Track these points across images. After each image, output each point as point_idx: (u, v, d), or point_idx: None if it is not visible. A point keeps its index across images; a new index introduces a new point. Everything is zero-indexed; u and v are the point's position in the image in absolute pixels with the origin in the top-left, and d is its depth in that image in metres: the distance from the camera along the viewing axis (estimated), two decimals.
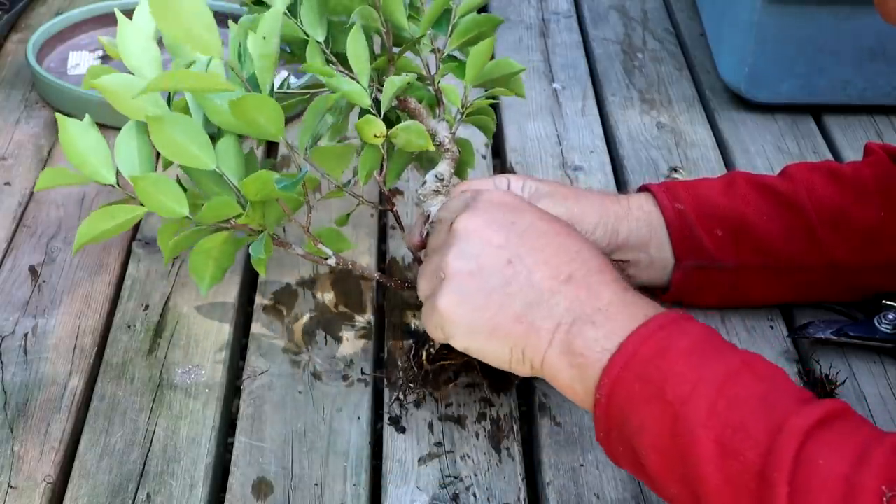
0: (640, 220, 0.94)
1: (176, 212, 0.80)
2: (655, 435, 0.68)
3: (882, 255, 0.95)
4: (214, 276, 0.88)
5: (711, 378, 0.68)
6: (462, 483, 0.83)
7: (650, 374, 0.69)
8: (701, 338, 0.71)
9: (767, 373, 0.70)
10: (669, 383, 0.68)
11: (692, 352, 0.70)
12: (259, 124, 0.79)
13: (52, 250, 1.02)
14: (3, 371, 0.90)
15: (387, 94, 0.84)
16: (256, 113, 0.78)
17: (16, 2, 1.38)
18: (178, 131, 0.79)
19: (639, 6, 1.52)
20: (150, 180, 0.80)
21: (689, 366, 0.69)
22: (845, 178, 0.96)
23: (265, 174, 0.79)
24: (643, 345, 0.71)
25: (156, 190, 0.80)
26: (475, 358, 0.81)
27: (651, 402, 0.69)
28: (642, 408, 0.69)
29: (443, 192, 0.89)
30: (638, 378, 0.70)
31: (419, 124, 0.86)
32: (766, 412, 0.66)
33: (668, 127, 1.26)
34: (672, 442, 0.68)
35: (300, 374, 0.92)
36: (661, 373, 0.69)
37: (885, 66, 1.25)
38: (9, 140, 1.18)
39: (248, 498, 0.81)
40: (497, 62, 0.92)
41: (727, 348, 0.72)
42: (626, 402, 0.70)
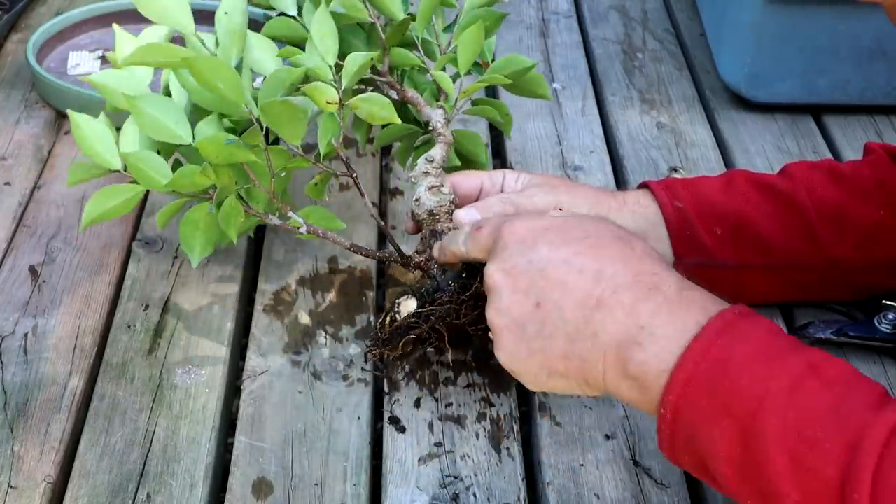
0: (636, 213, 0.94)
1: (159, 184, 0.85)
2: (727, 449, 0.66)
3: (882, 253, 0.95)
4: (204, 248, 0.91)
5: (778, 389, 0.65)
6: (462, 483, 0.83)
7: (715, 389, 0.67)
8: (761, 340, 0.69)
9: (834, 374, 0.67)
10: (736, 398, 0.66)
11: (754, 359, 0.67)
12: (218, 89, 0.82)
13: (52, 250, 1.02)
14: (3, 371, 0.90)
15: (349, 69, 0.85)
16: (213, 77, 0.81)
17: (16, 2, 1.38)
18: (157, 110, 0.85)
19: (639, 6, 1.52)
20: (138, 156, 0.86)
21: (754, 377, 0.66)
22: (845, 176, 0.96)
23: (220, 135, 0.82)
24: (702, 359, 0.68)
25: (144, 164, 0.86)
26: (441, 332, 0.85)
27: (719, 418, 0.67)
28: (711, 424, 0.67)
29: (432, 174, 0.90)
30: (703, 395, 0.67)
31: (382, 97, 0.87)
32: (839, 424, 0.63)
33: (668, 127, 1.26)
34: (745, 456, 0.66)
35: (300, 374, 0.92)
36: (725, 387, 0.67)
37: (885, 66, 1.25)
38: (9, 140, 1.18)
39: (248, 498, 0.81)
40: (507, 58, 0.92)
41: (789, 348, 0.68)
42: (694, 419, 0.68)
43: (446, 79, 0.92)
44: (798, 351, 0.68)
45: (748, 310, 0.71)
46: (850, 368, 0.68)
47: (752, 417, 0.65)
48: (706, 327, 0.69)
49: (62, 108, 1.21)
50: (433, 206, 0.89)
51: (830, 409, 0.64)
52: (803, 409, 0.64)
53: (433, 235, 0.89)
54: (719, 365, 0.67)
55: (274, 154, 0.85)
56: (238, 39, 0.85)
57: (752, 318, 0.70)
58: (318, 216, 0.92)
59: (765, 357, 0.67)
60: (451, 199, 0.90)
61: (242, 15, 0.85)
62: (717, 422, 0.67)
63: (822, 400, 0.65)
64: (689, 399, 0.68)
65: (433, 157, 0.91)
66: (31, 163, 1.14)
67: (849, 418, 0.63)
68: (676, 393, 0.68)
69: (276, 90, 0.84)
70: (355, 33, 0.94)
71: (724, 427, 0.66)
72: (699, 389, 0.68)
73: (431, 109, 0.93)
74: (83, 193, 1.09)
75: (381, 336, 0.87)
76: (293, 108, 0.81)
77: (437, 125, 0.92)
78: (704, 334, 0.69)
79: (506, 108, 0.99)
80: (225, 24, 0.85)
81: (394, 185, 1.15)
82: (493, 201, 0.90)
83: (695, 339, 0.69)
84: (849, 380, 0.67)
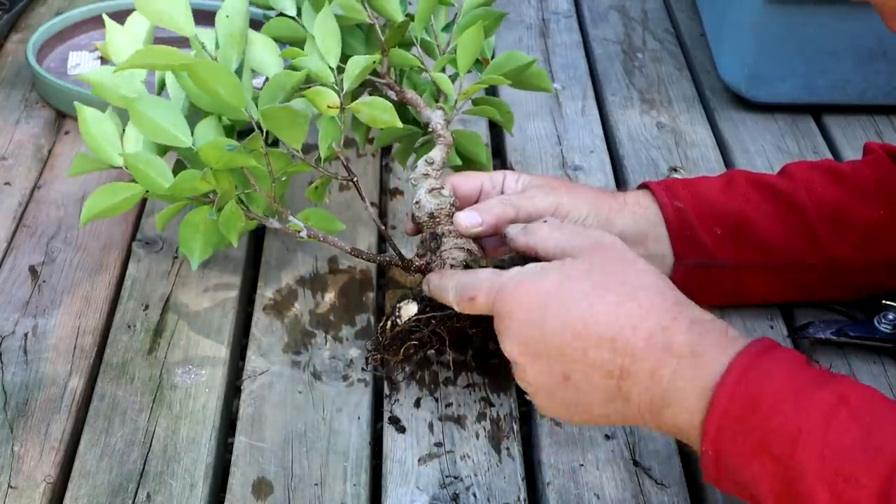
0: (637, 214, 0.94)
1: (161, 186, 0.85)
2: (769, 484, 0.68)
3: (882, 253, 0.95)
4: (204, 250, 0.91)
5: (810, 427, 0.66)
6: (462, 483, 0.83)
7: (749, 430, 0.68)
8: (787, 374, 0.69)
9: (863, 402, 0.67)
10: (770, 438, 0.67)
11: (784, 397, 0.68)
12: (219, 94, 0.82)
13: (52, 250, 1.02)
14: (3, 371, 0.90)
15: (351, 72, 0.85)
16: (213, 82, 0.81)
17: (16, 2, 1.38)
18: (155, 112, 0.85)
19: (639, 6, 1.52)
20: (139, 158, 0.85)
21: (785, 415, 0.67)
22: (845, 176, 0.96)
23: (220, 140, 0.82)
24: (731, 402, 0.69)
25: (144, 167, 0.85)
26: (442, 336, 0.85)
27: (758, 456, 0.68)
28: (750, 461, 0.68)
29: (432, 176, 0.90)
30: (738, 434, 0.68)
31: (383, 100, 0.86)
32: (873, 457, 0.64)
33: (668, 127, 1.26)
34: (788, 492, 0.67)
35: (300, 374, 0.92)
36: (758, 427, 0.68)
37: (885, 66, 1.25)
38: (9, 140, 1.18)
39: (248, 498, 0.81)
40: (507, 55, 0.92)
41: (817, 381, 0.69)
42: (733, 458, 0.69)
43: (446, 80, 0.92)
44: (825, 382, 0.69)
45: (767, 344, 0.72)
46: (876, 393, 0.69)
47: (789, 457, 0.66)
48: (731, 367, 0.70)
49: (62, 108, 1.21)
50: (433, 209, 0.89)
51: (863, 442, 0.65)
52: (837, 445, 0.65)
53: (433, 238, 0.89)
54: (749, 405, 0.68)
55: (274, 158, 0.85)
56: (239, 42, 0.85)
57: (773, 353, 0.71)
58: (317, 218, 0.92)
59: (792, 393, 0.68)
60: (451, 202, 0.90)
61: (244, 18, 0.85)
62: (757, 459, 0.68)
63: (854, 433, 0.66)
64: (725, 441, 0.69)
65: (433, 159, 0.91)
66: (31, 163, 1.14)
67: (881, 449, 0.64)
68: (711, 436, 0.70)
69: (276, 94, 0.84)
70: (353, 34, 0.94)
71: (763, 464, 0.68)
72: (734, 431, 0.69)
73: (431, 111, 0.93)
74: (83, 193, 1.09)
75: (383, 341, 0.87)
76: (294, 113, 0.81)
77: (437, 127, 0.92)
78: (728, 377, 0.70)
79: (506, 105, 0.99)
80: (226, 27, 0.85)
81: (394, 185, 1.15)
82: (493, 203, 0.90)
83: (718, 385, 0.70)
84: (877, 407, 0.68)
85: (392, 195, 1.13)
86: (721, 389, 0.69)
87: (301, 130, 0.82)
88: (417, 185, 0.90)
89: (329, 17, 0.87)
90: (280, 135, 0.83)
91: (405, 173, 1.15)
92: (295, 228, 0.88)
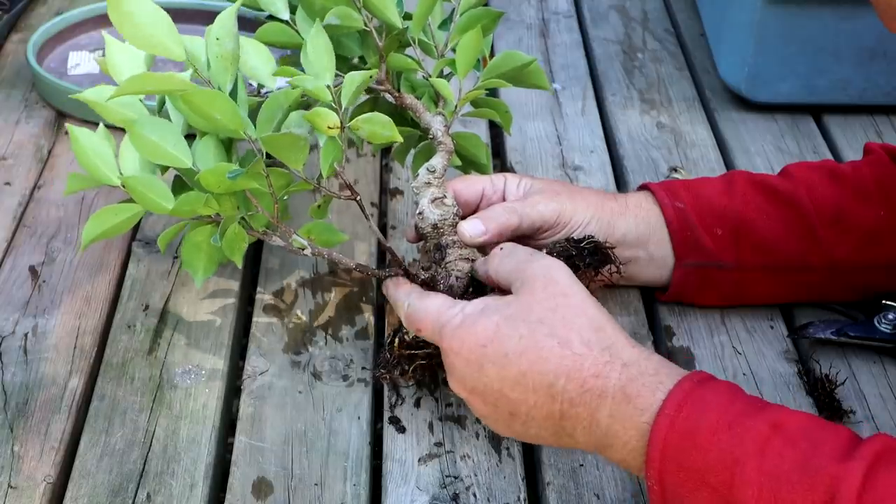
0: (638, 217, 0.94)
1: (163, 207, 0.84)
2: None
3: (882, 254, 0.95)
4: (207, 269, 0.90)
5: (745, 456, 0.67)
6: (462, 483, 0.83)
7: (689, 464, 0.69)
8: (721, 406, 0.70)
9: (797, 428, 0.68)
10: (709, 471, 0.68)
11: (718, 428, 0.69)
12: (216, 120, 0.82)
13: (52, 250, 1.02)
14: (3, 371, 0.90)
15: (347, 89, 0.84)
16: (209, 108, 0.81)
17: (16, 2, 1.38)
18: (154, 133, 0.84)
19: (639, 6, 1.52)
20: (140, 180, 0.84)
21: (720, 447, 0.68)
22: (845, 177, 0.96)
23: (221, 166, 0.81)
24: (668, 440, 0.70)
25: (145, 189, 0.84)
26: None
27: (700, 489, 0.69)
28: (694, 494, 0.69)
29: (434, 184, 0.89)
30: (680, 470, 0.70)
31: (383, 116, 0.86)
32: (810, 481, 0.65)
33: (668, 127, 1.26)
34: None
35: (300, 374, 0.92)
36: (697, 461, 0.69)
37: (885, 66, 1.25)
38: (9, 140, 1.18)
39: (248, 498, 0.81)
40: (504, 55, 0.92)
41: (750, 410, 0.70)
42: (679, 491, 0.70)
43: (445, 86, 0.91)
44: (759, 411, 0.70)
45: (700, 377, 0.73)
46: (811, 418, 0.70)
47: (728, 488, 0.67)
48: (665, 404, 0.71)
49: (62, 108, 1.21)
50: (437, 220, 0.88)
51: (799, 467, 0.66)
52: (773, 473, 0.66)
53: (438, 250, 0.88)
54: (686, 440, 0.70)
55: (275, 177, 0.84)
56: (231, 63, 0.84)
57: (706, 386, 0.72)
58: (320, 231, 0.92)
59: (727, 424, 0.69)
60: (454, 211, 0.89)
61: (234, 39, 0.84)
62: (699, 493, 0.69)
63: (790, 459, 0.66)
64: (669, 476, 0.70)
65: (434, 167, 0.90)
66: (31, 163, 1.14)
67: (818, 474, 0.65)
68: (655, 474, 0.71)
69: (275, 113, 0.84)
70: (349, 35, 0.94)
71: (706, 497, 0.69)
72: (675, 467, 0.70)
73: (431, 116, 0.92)
74: (83, 194, 1.09)
75: (391, 359, 0.86)
76: (294, 138, 0.81)
77: (438, 133, 0.91)
78: (665, 412, 0.71)
79: (505, 105, 0.98)
80: (216, 49, 0.84)
81: (394, 185, 1.15)
82: (497, 211, 0.90)
83: (655, 424, 0.71)
84: (813, 432, 0.68)
85: (392, 195, 1.13)
86: (657, 428, 0.71)
87: (302, 153, 0.82)
88: (419, 193, 0.90)
89: (321, 34, 0.86)
90: (281, 157, 0.82)
91: (405, 173, 1.15)
92: (299, 246, 0.88)
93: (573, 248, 0.88)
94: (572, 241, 0.89)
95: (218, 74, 0.84)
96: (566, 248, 0.88)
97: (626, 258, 0.93)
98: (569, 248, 0.88)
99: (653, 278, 0.97)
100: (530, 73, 0.95)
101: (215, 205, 0.84)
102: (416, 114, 0.93)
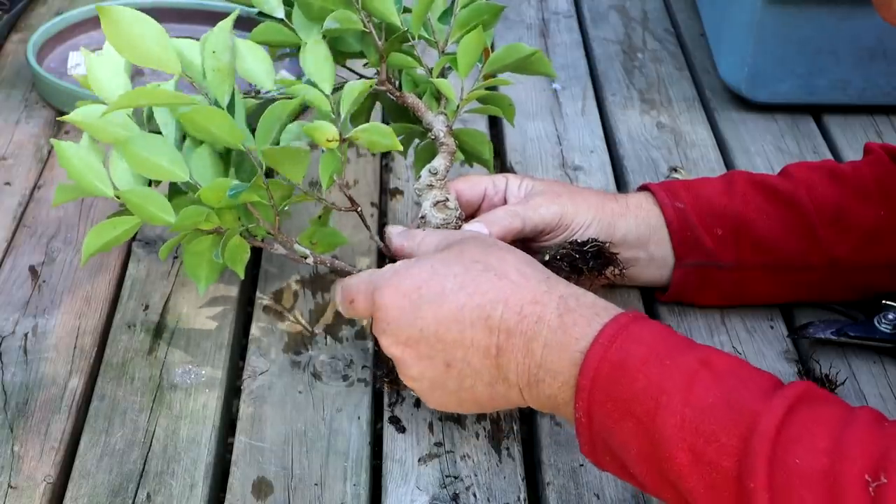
0: (638, 217, 0.94)
1: (163, 220, 0.83)
2: (637, 449, 0.69)
3: (882, 254, 0.95)
4: (209, 277, 0.90)
5: (672, 387, 0.68)
6: (462, 483, 0.83)
7: (617, 394, 0.70)
8: (654, 341, 0.71)
9: (726, 367, 0.69)
10: (635, 400, 0.69)
11: (648, 360, 0.70)
12: (213, 133, 0.81)
13: (52, 250, 1.02)
14: (3, 371, 0.90)
15: (346, 100, 0.84)
16: (207, 123, 0.80)
17: (16, 2, 1.38)
18: (147, 150, 0.82)
19: (639, 6, 1.52)
20: (137, 194, 0.83)
21: (649, 378, 0.69)
22: (845, 177, 0.97)
23: (222, 183, 0.81)
24: (600, 368, 0.71)
25: (143, 202, 0.83)
26: None
27: (625, 420, 0.69)
28: (619, 426, 0.70)
29: (437, 186, 0.89)
30: (608, 400, 0.70)
31: (381, 126, 0.86)
32: (732, 415, 0.66)
33: (668, 127, 1.26)
34: (653, 454, 0.68)
35: (300, 374, 0.92)
36: (624, 390, 0.70)
37: (885, 66, 1.25)
38: (9, 140, 1.18)
39: (248, 498, 0.81)
40: (508, 47, 0.91)
41: (682, 347, 0.71)
42: (604, 422, 0.71)
43: (447, 85, 0.91)
44: (690, 348, 0.71)
45: (637, 315, 0.74)
46: (741, 361, 0.71)
47: (651, 417, 0.68)
48: (600, 334, 0.72)
49: (62, 108, 1.21)
50: (440, 224, 0.88)
51: (723, 402, 0.66)
52: (698, 405, 0.67)
53: None
54: (617, 369, 0.70)
55: (275, 188, 0.84)
56: (228, 75, 0.83)
57: (641, 322, 0.73)
58: (321, 235, 0.93)
59: (658, 357, 0.70)
60: (457, 215, 0.89)
61: (230, 52, 0.83)
62: (624, 424, 0.69)
63: (715, 393, 0.67)
64: (596, 406, 0.71)
65: (437, 169, 0.90)
66: (31, 163, 1.14)
67: (741, 409, 0.66)
68: (584, 403, 0.71)
69: (273, 125, 0.83)
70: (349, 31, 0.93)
71: (629, 428, 0.69)
72: (604, 396, 0.70)
73: (433, 116, 0.92)
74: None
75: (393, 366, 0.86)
76: (295, 151, 0.81)
77: (440, 134, 0.91)
78: (597, 345, 0.72)
79: (507, 98, 0.97)
80: (213, 64, 0.83)
81: (394, 185, 1.15)
82: (500, 215, 0.90)
83: (589, 351, 0.72)
84: (740, 371, 0.69)
85: (392, 195, 1.13)
86: (590, 355, 0.71)
87: (302, 166, 0.82)
88: (422, 195, 0.89)
89: (320, 45, 0.86)
90: (281, 171, 0.82)
91: (405, 173, 1.15)
92: (301, 255, 0.88)
93: (576, 252, 0.88)
94: (575, 245, 0.89)
95: (214, 87, 0.83)
96: (569, 251, 0.88)
97: (627, 259, 0.93)
98: (572, 251, 0.88)
99: (653, 279, 0.97)
100: (535, 62, 0.94)
101: (216, 219, 0.83)
102: (417, 113, 0.93)
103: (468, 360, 0.77)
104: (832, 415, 0.65)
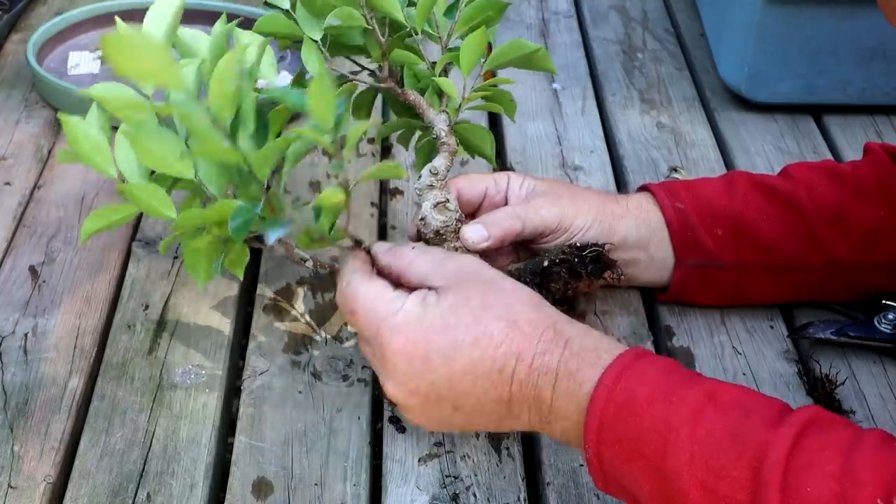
0: (638, 218, 0.94)
1: (164, 215, 0.82)
2: (649, 487, 0.69)
3: (882, 254, 0.95)
4: (209, 273, 0.89)
5: (679, 424, 0.68)
6: (462, 483, 0.83)
7: (625, 434, 0.70)
8: (658, 378, 0.71)
9: (732, 399, 0.69)
10: (642, 440, 0.69)
11: (653, 398, 0.70)
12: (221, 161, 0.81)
13: (52, 250, 1.02)
14: (3, 371, 0.90)
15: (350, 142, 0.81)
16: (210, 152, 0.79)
17: (16, 2, 1.38)
18: (156, 143, 0.81)
19: (639, 6, 1.52)
20: (139, 187, 0.82)
21: (655, 415, 0.69)
22: (845, 177, 0.97)
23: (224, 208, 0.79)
24: (605, 410, 0.71)
25: (145, 195, 0.83)
26: None
27: (634, 460, 0.69)
28: (629, 466, 0.70)
29: (437, 186, 0.89)
30: (616, 440, 0.71)
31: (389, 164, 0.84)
32: (741, 448, 0.66)
33: (668, 127, 1.26)
34: (666, 492, 0.68)
35: (300, 374, 0.92)
36: (632, 430, 0.70)
37: (885, 66, 1.25)
38: (9, 140, 1.18)
39: (248, 498, 0.81)
40: (511, 43, 0.90)
41: (687, 381, 0.71)
42: (615, 462, 0.71)
43: (449, 84, 0.91)
44: (695, 383, 0.71)
45: (639, 352, 0.74)
46: (747, 390, 0.71)
47: (661, 456, 0.68)
48: (604, 376, 0.72)
49: (62, 108, 1.21)
50: (440, 226, 0.88)
51: (730, 435, 0.66)
52: (705, 441, 0.67)
53: None
54: (622, 409, 0.70)
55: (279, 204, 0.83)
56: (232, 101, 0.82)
57: (648, 358, 0.73)
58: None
59: (663, 394, 0.70)
60: (457, 217, 0.88)
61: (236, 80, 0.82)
62: (634, 464, 0.70)
63: (722, 427, 0.67)
64: (605, 447, 0.71)
65: (437, 169, 0.89)
66: (31, 163, 1.14)
67: (749, 440, 0.66)
68: (593, 444, 0.72)
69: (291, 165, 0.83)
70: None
71: (640, 468, 0.69)
72: (612, 437, 0.71)
73: (435, 114, 0.92)
74: (83, 193, 1.09)
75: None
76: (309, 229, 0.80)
77: (441, 133, 0.90)
78: (604, 382, 0.72)
79: (508, 94, 0.97)
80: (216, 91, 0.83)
81: (394, 184, 1.15)
82: (500, 217, 0.90)
83: (594, 394, 0.72)
84: (745, 402, 0.69)
85: (392, 195, 1.13)
86: (596, 399, 0.72)
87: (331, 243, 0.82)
88: (422, 195, 0.89)
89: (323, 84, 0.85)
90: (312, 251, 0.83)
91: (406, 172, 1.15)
92: (301, 259, 0.88)
93: (575, 257, 0.88)
94: (574, 250, 0.89)
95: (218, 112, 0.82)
96: (568, 257, 0.88)
97: (627, 260, 0.93)
98: (571, 257, 0.88)
99: (653, 279, 0.97)
100: (537, 58, 0.94)
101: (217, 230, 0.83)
102: (419, 110, 0.92)
103: (479, 406, 0.77)
104: (840, 439, 0.65)
